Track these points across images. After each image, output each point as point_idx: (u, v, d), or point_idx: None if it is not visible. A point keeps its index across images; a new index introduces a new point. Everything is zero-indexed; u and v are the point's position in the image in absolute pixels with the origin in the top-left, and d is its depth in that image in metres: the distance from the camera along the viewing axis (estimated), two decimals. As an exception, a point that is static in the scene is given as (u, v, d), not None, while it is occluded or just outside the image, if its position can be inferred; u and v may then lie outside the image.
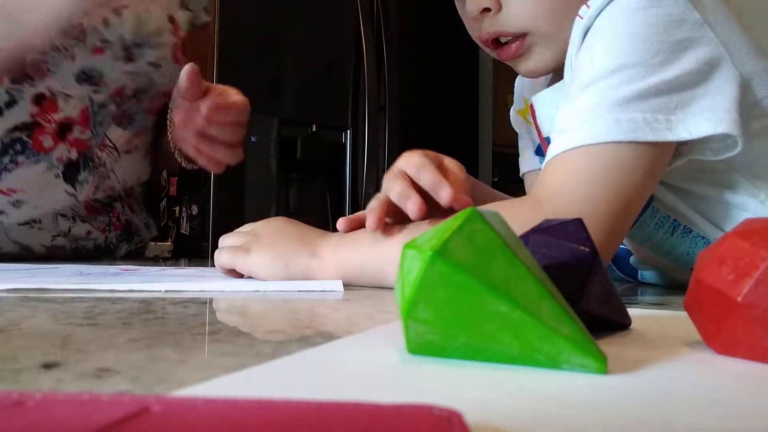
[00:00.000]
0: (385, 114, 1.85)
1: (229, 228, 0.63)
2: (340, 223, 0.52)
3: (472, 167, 2.15)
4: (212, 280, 0.52)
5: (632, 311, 0.30)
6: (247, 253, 0.55)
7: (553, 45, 0.59)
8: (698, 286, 0.24)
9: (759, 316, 0.21)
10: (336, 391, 0.17)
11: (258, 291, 0.45)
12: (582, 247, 0.26)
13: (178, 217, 1.87)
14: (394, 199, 0.49)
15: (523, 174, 0.80)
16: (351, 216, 0.52)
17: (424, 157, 0.51)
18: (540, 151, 0.74)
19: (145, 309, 0.34)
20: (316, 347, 0.23)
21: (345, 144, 1.85)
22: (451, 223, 0.21)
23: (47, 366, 0.19)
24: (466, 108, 2.15)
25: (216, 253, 0.58)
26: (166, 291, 0.43)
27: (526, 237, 0.28)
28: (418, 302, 0.20)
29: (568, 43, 0.58)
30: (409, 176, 0.50)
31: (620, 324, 0.29)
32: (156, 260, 0.98)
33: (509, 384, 0.18)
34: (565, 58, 0.60)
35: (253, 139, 1.69)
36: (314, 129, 1.78)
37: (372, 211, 0.50)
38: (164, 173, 2.04)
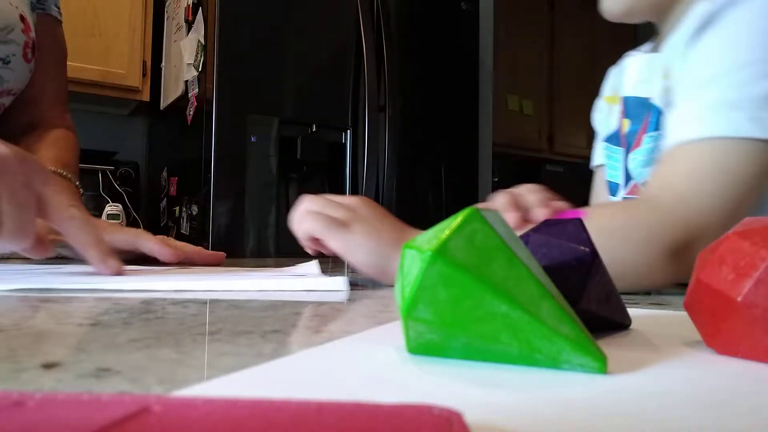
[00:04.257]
0: (385, 114, 1.85)
1: (229, 228, 0.63)
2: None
3: (472, 167, 2.15)
4: (213, 279, 0.52)
5: (632, 311, 0.30)
6: (346, 229, 0.50)
7: None
8: (698, 286, 0.24)
9: (759, 316, 0.21)
10: (336, 391, 0.17)
11: (259, 291, 0.45)
12: (582, 247, 0.26)
13: (178, 217, 1.87)
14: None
15: (593, 167, 0.83)
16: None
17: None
18: (611, 139, 0.76)
19: (146, 309, 0.34)
20: (317, 347, 0.23)
21: (345, 144, 1.85)
22: (450, 222, 0.21)
23: (47, 366, 0.19)
24: (466, 108, 2.15)
25: (300, 215, 0.52)
26: (168, 290, 0.43)
27: (526, 237, 0.28)
28: (418, 302, 0.20)
29: None
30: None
31: (620, 324, 0.29)
32: (156, 260, 0.98)
33: (509, 384, 0.18)
34: (640, 5, 0.65)
35: (253, 139, 1.69)
36: (314, 129, 1.79)
37: None
38: (164, 173, 2.05)
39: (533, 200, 0.51)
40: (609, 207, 0.53)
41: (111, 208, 1.91)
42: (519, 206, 0.50)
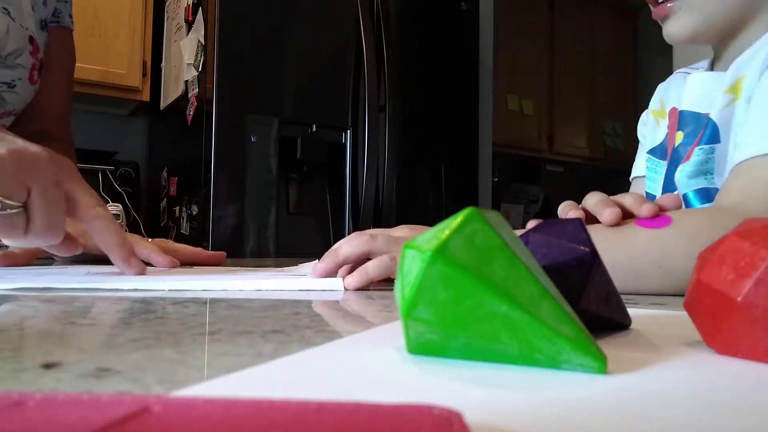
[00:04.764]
0: (385, 114, 1.85)
1: (229, 228, 0.63)
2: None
3: (472, 167, 2.15)
4: (212, 279, 0.52)
5: (632, 311, 0.30)
6: None
7: (696, 15, 0.66)
8: (698, 286, 0.24)
9: (759, 316, 0.21)
10: (336, 391, 0.17)
11: (258, 291, 0.45)
12: (582, 247, 0.26)
13: (178, 217, 1.87)
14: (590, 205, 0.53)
15: (632, 178, 0.85)
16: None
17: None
18: (655, 152, 0.79)
19: (146, 309, 0.34)
20: (317, 347, 0.23)
21: (345, 144, 1.85)
22: (450, 222, 0.21)
23: (47, 366, 0.19)
24: (466, 108, 2.15)
25: (366, 258, 0.50)
26: (168, 290, 0.43)
27: (526, 237, 0.28)
28: (418, 302, 0.20)
29: (711, 19, 0.66)
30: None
31: (620, 324, 0.29)
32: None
33: (509, 384, 0.18)
34: (706, 31, 0.67)
35: (253, 139, 1.69)
36: (314, 129, 1.79)
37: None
38: (164, 173, 2.05)
39: (630, 200, 0.52)
40: (694, 213, 0.55)
41: (111, 208, 1.90)
42: (616, 204, 0.52)
